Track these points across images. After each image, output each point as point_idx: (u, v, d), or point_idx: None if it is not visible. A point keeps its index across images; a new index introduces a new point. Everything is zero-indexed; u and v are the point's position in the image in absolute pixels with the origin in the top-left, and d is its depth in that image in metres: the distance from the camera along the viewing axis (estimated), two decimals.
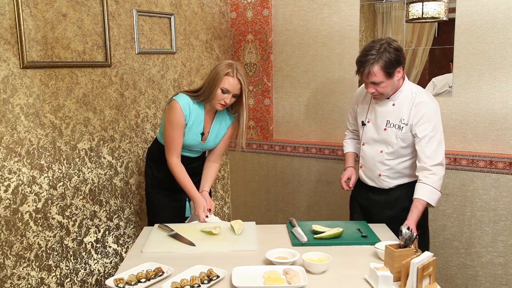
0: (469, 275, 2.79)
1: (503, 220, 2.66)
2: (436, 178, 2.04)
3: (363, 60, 2.03)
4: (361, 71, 2.05)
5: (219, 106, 2.22)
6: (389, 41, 2.04)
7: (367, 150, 2.26)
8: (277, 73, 3.39)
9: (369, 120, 2.25)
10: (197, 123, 2.28)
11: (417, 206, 2.03)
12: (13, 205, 2.15)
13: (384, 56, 1.99)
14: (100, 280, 2.62)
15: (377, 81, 2.04)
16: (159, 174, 2.41)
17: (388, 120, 2.16)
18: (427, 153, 2.05)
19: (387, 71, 2.01)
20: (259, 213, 3.54)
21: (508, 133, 2.65)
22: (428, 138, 2.06)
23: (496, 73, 2.64)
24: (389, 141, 2.16)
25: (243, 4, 3.38)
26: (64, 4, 2.30)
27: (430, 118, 2.08)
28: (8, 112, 2.10)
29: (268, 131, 3.47)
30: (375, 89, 2.07)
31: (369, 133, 2.24)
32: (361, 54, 2.06)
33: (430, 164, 2.04)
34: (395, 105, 2.15)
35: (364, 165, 2.29)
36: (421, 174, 2.07)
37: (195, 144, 2.33)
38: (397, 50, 2.02)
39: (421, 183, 2.06)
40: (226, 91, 2.17)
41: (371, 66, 2.00)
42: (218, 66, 2.20)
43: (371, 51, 2.01)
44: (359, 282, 1.62)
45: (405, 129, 2.11)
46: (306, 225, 2.15)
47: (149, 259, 1.81)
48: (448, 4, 2.70)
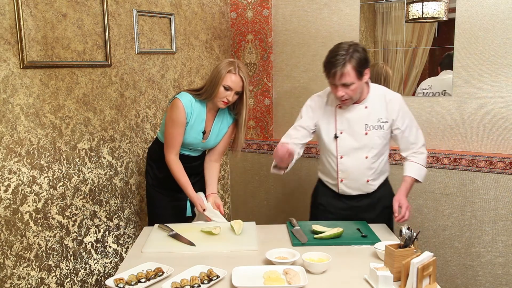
0: (469, 275, 2.79)
1: (503, 220, 2.66)
2: (423, 156, 2.23)
3: (333, 61, 1.97)
4: (333, 73, 1.97)
5: (221, 104, 2.23)
6: (355, 43, 2.04)
7: (348, 161, 2.17)
8: (277, 73, 3.39)
9: (342, 131, 2.15)
10: (198, 122, 2.28)
11: (406, 180, 2.18)
12: (13, 205, 2.15)
13: (355, 56, 1.97)
14: (100, 280, 2.62)
15: (349, 82, 1.98)
16: (160, 174, 2.41)
17: (367, 124, 2.13)
18: (411, 140, 2.19)
19: (358, 71, 1.98)
20: (259, 213, 3.54)
21: (508, 133, 2.65)
22: (409, 128, 2.17)
23: (496, 73, 2.64)
24: (372, 144, 2.14)
25: (243, 4, 3.38)
26: (64, 4, 2.30)
27: (405, 110, 2.17)
28: (8, 112, 2.10)
29: (268, 131, 3.47)
30: (345, 92, 2.01)
31: (346, 143, 2.15)
32: (330, 55, 2.01)
33: (417, 147, 2.21)
34: (367, 108, 2.12)
35: (346, 178, 2.20)
36: (409, 155, 2.22)
37: (196, 143, 2.33)
38: (364, 51, 2.02)
39: (410, 162, 2.21)
40: (229, 88, 2.18)
41: (343, 66, 1.95)
42: (220, 64, 2.22)
43: (340, 52, 1.97)
44: (359, 282, 1.62)
45: (386, 126, 2.14)
46: (306, 225, 2.15)
47: (149, 259, 1.81)
48: (448, 4, 2.70)
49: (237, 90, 2.20)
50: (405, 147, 2.21)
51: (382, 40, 2.99)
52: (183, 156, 2.35)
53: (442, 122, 2.83)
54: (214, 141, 2.39)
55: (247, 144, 3.51)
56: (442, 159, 2.79)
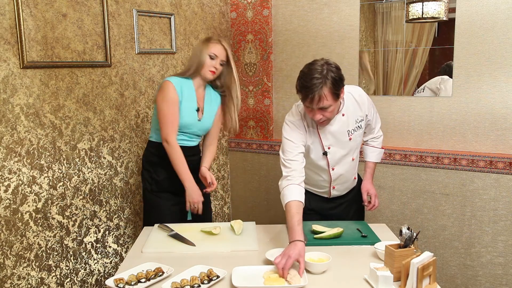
0: (469, 275, 2.79)
1: (503, 220, 2.66)
2: (381, 139, 2.37)
3: (309, 85, 1.85)
4: (311, 97, 1.86)
5: (209, 74, 2.27)
6: (326, 61, 1.92)
7: (339, 169, 2.18)
8: (277, 73, 3.39)
9: (330, 146, 2.10)
10: (190, 99, 2.28)
11: (370, 166, 2.35)
12: (13, 205, 2.15)
13: (330, 77, 1.86)
14: (100, 280, 2.62)
15: (326, 106, 1.89)
16: (159, 176, 2.36)
17: (349, 130, 2.11)
18: (372, 126, 2.30)
19: (335, 93, 1.89)
20: (259, 213, 3.54)
21: (508, 133, 2.65)
22: (374, 118, 2.27)
23: (496, 73, 2.64)
24: (356, 146, 2.18)
25: (243, 4, 3.38)
26: (64, 4, 2.30)
27: (370, 101, 2.22)
28: (8, 112, 2.10)
29: (268, 131, 3.47)
30: (323, 114, 1.93)
31: (334, 156, 2.13)
32: (304, 79, 1.88)
33: (375, 132, 2.33)
34: (345, 115, 2.09)
35: (338, 183, 2.22)
36: (369, 139, 2.35)
37: (192, 123, 2.31)
38: (337, 69, 1.91)
39: (370, 147, 2.36)
40: (214, 57, 2.25)
41: (321, 90, 1.85)
42: (199, 42, 2.32)
43: (314, 75, 1.85)
44: (359, 282, 1.62)
45: (363, 123, 2.19)
46: (306, 225, 2.14)
47: (149, 259, 1.81)
48: (448, 4, 2.70)
49: (222, 58, 2.26)
50: (367, 132, 2.32)
51: (382, 40, 2.99)
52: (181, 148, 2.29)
53: (442, 122, 2.83)
54: (209, 120, 2.37)
55: (247, 144, 3.51)
56: (442, 159, 2.79)
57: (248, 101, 3.50)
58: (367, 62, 3.06)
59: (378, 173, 2.94)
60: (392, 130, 3.00)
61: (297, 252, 1.67)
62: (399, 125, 2.98)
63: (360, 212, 2.38)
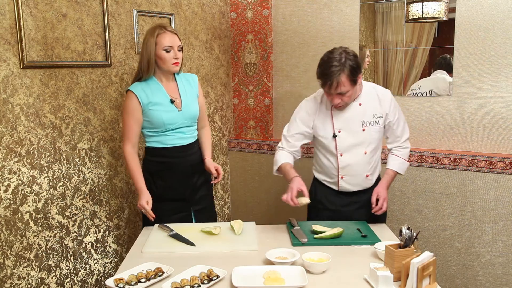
0: (469, 275, 2.79)
1: (503, 220, 2.66)
2: (407, 150, 2.32)
3: (328, 72, 2.02)
4: (329, 84, 2.03)
5: (174, 67, 2.20)
6: (344, 49, 2.07)
7: (348, 158, 2.20)
8: (277, 73, 3.39)
9: (340, 129, 2.19)
10: (160, 96, 2.21)
11: (388, 173, 2.28)
12: (13, 205, 2.15)
13: (348, 65, 2.01)
14: (100, 280, 2.62)
15: (344, 91, 2.05)
16: (156, 185, 2.28)
17: (363, 121, 2.19)
18: (397, 134, 2.28)
19: (352, 80, 2.04)
20: (259, 213, 3.54)
21: (508, 133, 2.65)
22: (397, 121, 2.26)
23: (496, 73, 2.64)
24: (369, 140, 2.20)
25: (243, 4, 3.39)
26: (64, 4, 2.30)
27: (395, 105, 2.26)
28: (8, 112, 2.10)
29: (268, 131, 3.47)
30: (341, 99, 2.08)
31: (344, 141, 2.19)
32: (323, 67, 2.05)
33: (401, 141, 2.30)
34: (362, 105, 2.19)
35: (346, 174, 2.23)
36: (393, 148, 2.32)
37: (175, 116, 2.23)
38: (355, 56, 2.06)
39: (394, 155, 2.31)
40: (170, 49, 2.16)
41: (339, 77, 2.00)
42: (145, 37, 2.19)
43: (333, 63, 2.01)
44: (359, 282, 1.62)
45: (381, 121, 2.22)
46: (306, 225, 2.15)
47: (149, 259, 1.81)
48: (448, 4, 2.71)
49: (178, 45, 2.18)
50: (392, 139, 2.31)
51: (382, 40, 2.99)
52: (175, 148, 2.26)
53: (442, 122, 2.83)
54: (190, 106, 2.29)
55: (247, 144, 3.51)
56: (442, 159, 2.79)
57: (248, 101, 3.50)
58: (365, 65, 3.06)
59: None
60: None
61: (296, 183, 2.07)
62: None
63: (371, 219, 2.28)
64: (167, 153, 2.27)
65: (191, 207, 2.35)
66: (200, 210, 2.38)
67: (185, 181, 2.31)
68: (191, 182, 2.33)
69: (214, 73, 3.36)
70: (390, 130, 2.26)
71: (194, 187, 2.34)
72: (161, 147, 2.26)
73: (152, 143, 2.28)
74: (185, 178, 2.30)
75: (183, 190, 2.30)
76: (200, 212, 2.37)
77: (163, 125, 2.21)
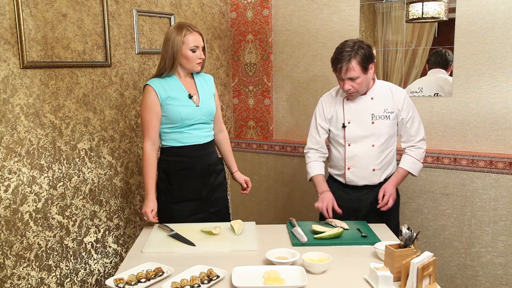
0: (469, 275, 2.79)
1: (503, 220, 2.66)
2: (421, 151, 2.32)
3: (339, 57, 2.13)
4: (339, 68, 2.13)
5: (197, 67, 2.24)
6: (360, 40, 2.20)
7: (355, 148, 2.26)
8: (277, 73, 3.39)
9: (350, 120, 2.27)
10: (178, 92, 2.22)
11: (399, 171, 2.29)
12: (13, 205, 2.15)
13: (360, 52, 2.12)
14: (100, 280, 2.62)
15: (354, 76, 2.13)
16: (173, 185, 2.25)
17: (373, 114, 2.24)
18: (411, 133, 2.29)
19: (363, 66, 2.13)
20: (259, 213, 3.54)
21: (508, 133, 2.66)
22: (411, 120, 2.27)
23: (496, 73, 2.64)
24: (378, 133, 2.24)
25: (243, 4, 3.38)
26: (64, 4, 2.30)
27: (409, 103, 2.28)
28: (8, 112, 2.10)
29: (268, 131, 3.47)
30: (351, 85, 2.16)
31: (353, 132, 2.26)
32: (336, 52, 2.17)
33: (415, 141, 2.31)
34: (373, 99, 2.26)
35: (353, 165, 2.28)
36: (407, 147, 2.33)
37: (192, 111, 2.22)
38: (369, 47, 2.16)
39: (406, 154, 2.32)
40: (196, 49, 2.19)
41: (349, 62, 2.11)
42: (170, 35, 2.18)
43: (345, 49, 2.13)
44: (359, 282, 1.62)
45: (392, 116, 2.25)
46: (306, 225, 2.15)
47: (149, 259, 1.81)
48: (448, 4, 2.71)
49: (202, 45, 2.22)
50: (405, 138, 2.32)
51: (382, 40, 2.99)
52: (192, 147, 2.24)
53: (442, 122, 2.83)
54: (208, 102, 2.29)
55: (247, 144, 3.51)
56: (442, 159, 2.79)
57: (248, 101, 3.50)
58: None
59: None
60: None
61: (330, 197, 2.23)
62: None
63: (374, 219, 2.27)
64: (184, 152, 2.24)
65: (208, 208, 2.32)
66: (216, 212, 2.35)
67: (202, 181, 2.28)
68: (208, 182, 2.31)
69: (214, 73, 3.36)
70: (403, 128, 2.29)
71: (211, 188, 2.32)
72: (178, 145, 2.23)
73: (169, 141, 2.25)
74: (202, 178, 2.28)
75: (200, 190, 2.27)
76: (215, 214, 2.34)
77: (180, 120, 2.20)
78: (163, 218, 2.25)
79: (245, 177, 2.53)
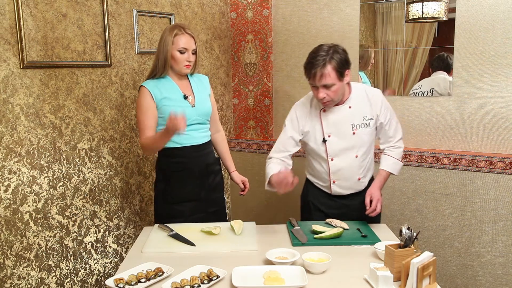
0: (469, 275, 2.79)
1: (503, 220, 2.66)
2: (400, 150, 2.27)
3: (313, 62, 1.98)
4: (313, 74, 1.98)
5: (185, 69, 2.21)
6: (335, 44, 2.04)
7: (339, 162, 2.18)
8: (277, 73, 3.39)
9: (330, 134, 2.15)
10: (173, 92, 2.21)
11: (381, 174, 2.23)
12: (13, 205, 2.15)
13: (335, 56, 1.97)
14: (100, 280, 2.62)
15: (329, 83, 1.98)
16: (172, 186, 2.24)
17: (353, 124, 2.14)
18: (390, 134, 2.24)
19: (339, 71, 1.98)
20: (259, 213, 3.54)
21: (508, 133, 2.65)
22: (389, 122, 2.21)
23: (496, 73, 2.64)
24: (360, 143, 2.16)
25: (243, 4, 3.39)
26: (64, 4, 2.30)
27: (386, 105, 2.20)
28: (8, 112, 2.10)
29: (268, 131, 3.47)
30: (326, 93, 2.01)
31: (335, 146, 2.16)
32: (310, 57, 2.02)
33: (394, 141, 2.26)
34: (352, 107, 2.13)
35: (338, 178, 2.21)
36: (386, 148, 2.27)
37: (188, 112, 2.20)
38: (345, 52, 2.03)
39: (386, 155, 2.26)
40: (184, 51, 2.16)
41: (324, 67, 1.96)
42: (163, 35, 2.19)
43: (320, 53, 1.98)
44: (359, 282, 1.62)
45: (372, 123, 2.17)
46: (306, 225, 2.15)
47: (149, 259, 1.81)
48: (448, 4, 2.71)
49: (192, 48, 2.19)
50: (384, 140, 2.26)
51: (382, 40, 2.99)
52: (190, 148, 2.24)
53: (442, 122, 2.83)
54: (204, 104, 2.28)
55: (247, 144, 3.51)
56: (442, 159, 2.79)
57: (248, 101, 3.50)
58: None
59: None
60: None
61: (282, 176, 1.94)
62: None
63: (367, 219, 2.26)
64: (182, 153, 2.24)
65: (207, 208, 2.32)
66: (214, 212, 2.36)
67: (201, 182, 2.29)
68: (206, 182, 2.31)
69: (214, 73, 3.36)
70: (382, 131, 2.22)
71: (209, 188, 2.33)
72: (175, 147, 2.23)
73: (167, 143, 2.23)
74: (200, 179, 2.29)
75: (198, 190, 2.28)
76: (214, 214, 2.35)
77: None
78: (162, 218, 2.26)
79: (242, 178, 2.51)
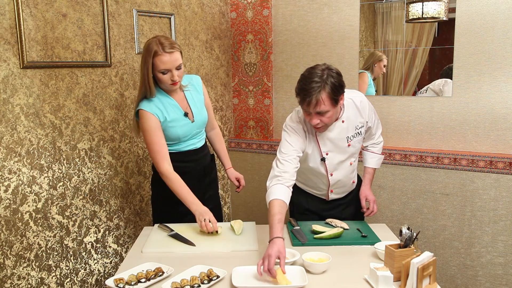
0: (469, 275, 2.79)
1: (503, 220, 2.66)
2: (381, 145, 2.36)
3: (308, 88, 1.85)
4: (308, 101, 1.86)
5: (172, 87, 2.10)
6: (328, 66, 1.92)
7: (338, 175, 2.17)
8: (277, 73, 3.39)
9: (328, 151, 2.10)
10: (173, 111, 2.17)
11: (369, 172, 2.34)
12: (13, 205, 2.15)
13: (329, 82, 1.85)
14: (100, 280, 2.62)
15: (324, 110, 1.88)
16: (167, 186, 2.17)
17: (348, 136, 2.10)
18: (373, 132, 2.29)
19: (334, 98, 1.88)
20: (259, 213, 3.54)
21: (508, 133, 2.66)
22: (375, 124, 2.27)
23: (496, 73, 2.64)
24: (354, 151, 2.17)
25: (243, 4, 3.38)
26: (64, 4, 2.30)
27: (371, 107, 2.21)
28: (8, 112, 2.10)
29: (268, 131, 3.47)
30: (320, 119, 1.92)
31: (333, 161, 2.12)
32: (303, 82, 1.89)
33: (376, 138, 2.33)
34: (345, 121, 2.08)
35: (337, 187, 2.22)
36: (369, 145, 2.34)
37: (189, 129, 2.21)
38: (338, 74, 1.91)
39: (369, 152, 2.35)
40: (167, 71, 2.04)
41: (319, 94, 1.84)
42: (143, 56, 2.07)
43: (314, 78, 1.86)
44: (359, 282, 1.62)
45: (363, 130, 2.18)
46: (306, 225, 2.15)
47: (149, 259, 1.81)
48: (448, 4, 2.71)
49: (176, 65, 2.05)
50: (366, 137, 2.30)
51: (382, 40, 2.99)
52: (189, 152, 2.25)
53: (442, 122, 2.83)
54: (201, 114, 2.26)
55: (247, 144, 3.51)
56: (442, 159, 2.79)
57: (248, 101, 3.50)
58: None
59: (378, 173, 2.94)
60: (392, 130, 3.00)
61: (276, 249, 1.65)
62: (399, 125, 2.98)
63: (357, 215, 2.34)
64: (182, 158, 2.24)
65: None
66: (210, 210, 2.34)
67: (198, 183, 2.29)
68: (203, 183, 2.33)
69: (214, 73, 3.36)
70: (368, 132, 2.26)
71: (205, 187, 2.35)
72: (175, 152, 2.24)
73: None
74: (197, 181, 2.29)
75: (196, 191, 2.25)
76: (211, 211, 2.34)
77: (178, 138, 2.21)
78: (161, 218, 2.27)
79: (237, 175, 2.48)
